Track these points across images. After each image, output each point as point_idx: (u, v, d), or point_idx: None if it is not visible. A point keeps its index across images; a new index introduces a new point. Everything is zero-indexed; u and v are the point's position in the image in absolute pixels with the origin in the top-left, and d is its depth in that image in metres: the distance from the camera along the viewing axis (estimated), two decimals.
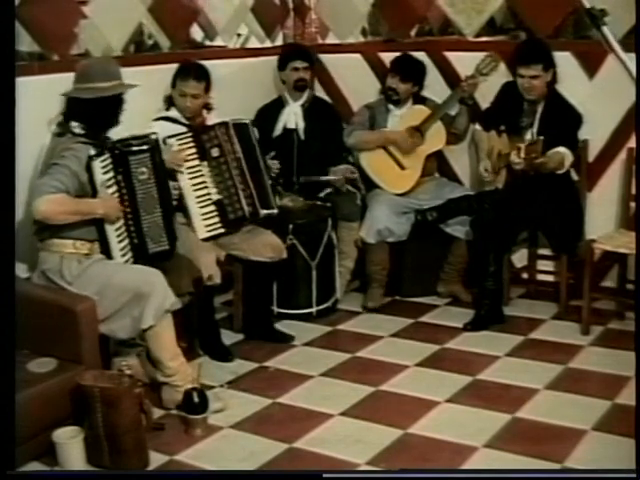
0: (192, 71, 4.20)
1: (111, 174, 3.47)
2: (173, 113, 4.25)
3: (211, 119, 4.29)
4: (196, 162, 4.11)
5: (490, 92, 4.68)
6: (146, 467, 3.17)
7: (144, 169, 3.57)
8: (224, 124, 4.14)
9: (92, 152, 3.41)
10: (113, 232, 3.50)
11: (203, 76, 4.21)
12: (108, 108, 3.51)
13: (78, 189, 3.37)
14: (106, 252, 3.51)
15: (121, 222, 3.52)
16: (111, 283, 3.37)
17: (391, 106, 4.87)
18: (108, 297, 3.37)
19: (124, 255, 3.53)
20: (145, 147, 3.58)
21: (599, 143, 4.62)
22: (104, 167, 3.44)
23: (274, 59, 5.10)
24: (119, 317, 3.40)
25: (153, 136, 3.67)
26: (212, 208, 4.13)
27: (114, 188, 3.49)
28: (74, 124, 3.45)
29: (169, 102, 4.28)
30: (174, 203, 4.03)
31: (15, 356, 2.93)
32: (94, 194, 3.42)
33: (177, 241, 3.76)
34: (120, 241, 3.52)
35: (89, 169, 3.40)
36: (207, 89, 4.23)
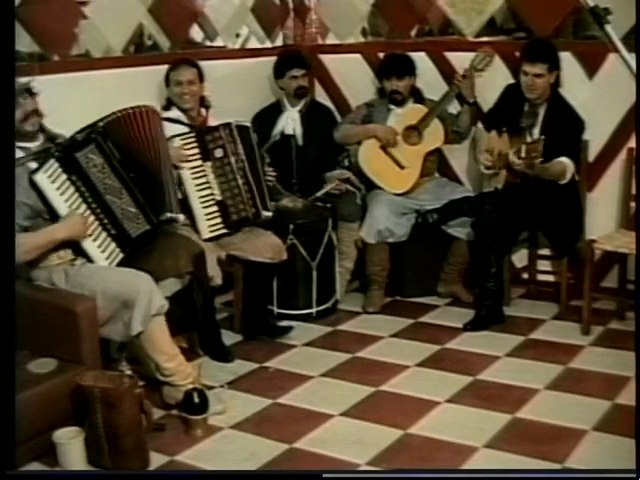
0: (181, 61, 4.28)
1: (63, 178, 3.32)
2: (174, 113, 4.25)
3: (211, 120, 4.30)
4: (199, 162, 4.12)
5: (493, 94, 4.68)
6: (146, 467, 3.16)
7: (96, 161, 3.44)
8: (228, 125, 4.15)
9: (33, 166, 3.27)
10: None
11: (193, 63, 4.27)
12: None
13: (30, 213, 3.26)
14: (84, 256, 3.44)
15: (90, 220, 3.41)
16: (98, 292, 3.32)
17: (392, 105, 4.87)
18: (99, 305, 3.33)
19: (103, 251, 3.45)
20: (89, 137, 3.44)
21: (599, 143, 4.61)
22: (51, 176, 3.28)
23: (274, 60, 5.10)
24: (112, 322, 3.38)
25: (101, 122, 3.52)
26: (215, 208, 4.14)
27: (71, 189, 3.35)
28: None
29: (168, 103, 4.30)
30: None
31: (15, 356, 2.93)
32: (49, 209, 3.29)
33: (163, 215, 3.70)
34: (94, 239, 3.43)
35: (34, 186, 3.24)
36: (201, 78, 4.26)
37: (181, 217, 3.84)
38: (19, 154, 3.30)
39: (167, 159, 3.84)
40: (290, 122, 4.96)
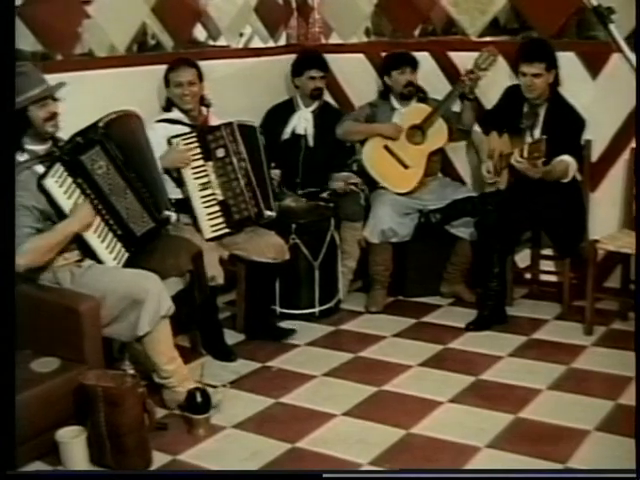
0: (180, 61, 4.26)
1: (69, 181, 3.33)
2: (175, 114, 4.25)
3: (213, 119, 4.29)
4: (201, 162, 4.11)
5: (495, 94, 4.68)
6: (149, 467, 3.17)
7: (100, 163, 3.43)
8: (229, 125, 4.14)
9: (40, 171, 3.29)
10: (92, 236, 3.41)
11: (192, 63, 4.26)
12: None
13: (40, 217, 3.28)
14: (93, 257, 3.45)
15: (97, 222, 3.42)
16: (106, 292, 3.32)
17: (396, 104, 4.87)
18: (105, 306, 3.33)
19: (111, 252, 3.47)
20: (93, 139, 3.42)
21: (602, 143, 4.61)
22: (58, 180, 3.29)
23: (277, 59, 5.11)
24: (117, 322, 3.38)
25: (100, 124, 3.48)
26: (217, 208, 4.14)
27: (77, 192, 3.36)
28: (26, 140, 3.32)
29: (168, 103, 4.29)
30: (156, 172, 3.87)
31: (17, 356, 2.93)
32: (59, 212, 3.31)
33: (163, 213, 3.70)
34: (102, 240, 3.45)
35: (43, 191, 3.26)
36: (200, 78, 4.25)
37: (174, 216, 3.85)
38: (25, 157, 3.31)
39: (155, 159, 3.87)
40: (302, 122, 4.96)
